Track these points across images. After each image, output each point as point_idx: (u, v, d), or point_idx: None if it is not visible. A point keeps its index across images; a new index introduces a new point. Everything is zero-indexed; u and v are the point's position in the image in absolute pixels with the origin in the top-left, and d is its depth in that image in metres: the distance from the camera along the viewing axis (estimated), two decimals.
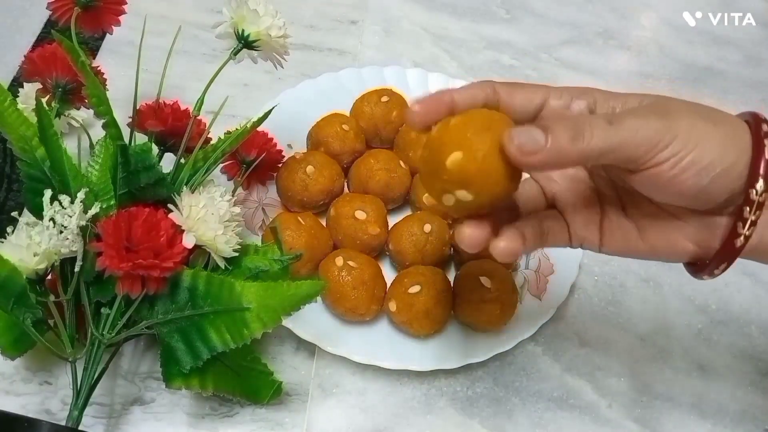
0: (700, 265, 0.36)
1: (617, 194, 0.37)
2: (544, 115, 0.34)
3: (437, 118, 0.32)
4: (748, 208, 0.32)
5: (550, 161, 0.30)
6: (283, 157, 0.59)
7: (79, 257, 0.43)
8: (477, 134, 0.30)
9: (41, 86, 0.54)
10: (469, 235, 0.33)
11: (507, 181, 0.31)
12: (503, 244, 0.33)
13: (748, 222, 0.32)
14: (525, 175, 0.33)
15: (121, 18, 0.53)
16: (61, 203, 0.42)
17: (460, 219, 0.34)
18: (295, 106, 0.64)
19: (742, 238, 0.33)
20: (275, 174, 0.59)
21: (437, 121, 0.32)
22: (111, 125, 0.46)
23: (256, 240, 0.57)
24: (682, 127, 0.31)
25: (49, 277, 0.44)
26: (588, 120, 0.31)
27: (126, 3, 0.53)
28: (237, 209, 0.47)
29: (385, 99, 0.63)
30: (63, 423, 0.43)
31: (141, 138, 0.50)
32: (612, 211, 0.37)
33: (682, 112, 0.32)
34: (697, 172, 0.31)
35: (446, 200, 0.32)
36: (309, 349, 0.53)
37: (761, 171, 0.31)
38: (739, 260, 0.34)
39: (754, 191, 0.31)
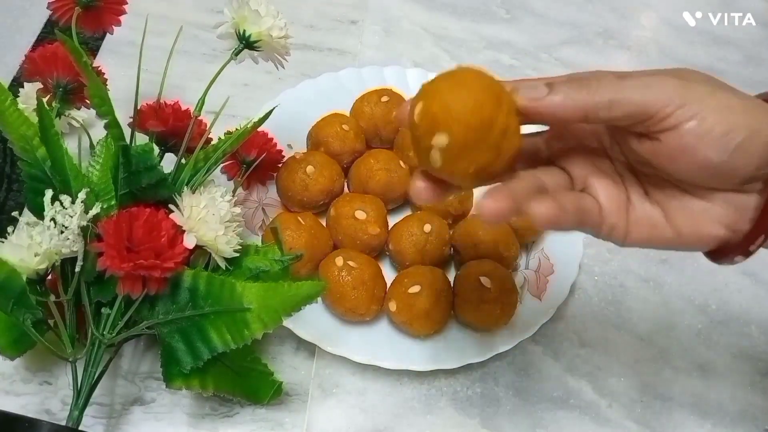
0: (724, 251, 0.33)
1: (638, 179, 0.35)
2: None
3: (511, 214, 0.31)
4: None
5: (553, 110, 0.29)
6: (283, 157, 0.59)
7: (80, 257, 0.43)
8: (444, 80, 0.30)
9: (42, 86, 0.54)
10: (489, 207, 0.30)
11: (483, 117, 0.29)
12: (542, 210, 0.30)
13: None
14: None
15: (122, 18, 0.53)
16: (62, 203, 0.42)
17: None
18: (295, 106, 0.64)
19: None
20: (275, 174, 0.59)
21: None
22: (112, 125, 0.46)
23: (257, 240, 0.57)
24: (700, 89, 0.29)
25: (49, 277, 0.44)
26: (596, 74, 0.30)
27: (126, 3, 0.53)
28: (237, 209, 0.47)
29: (385, 99, 0.63)
30: (63, 423, 0.43)
31: (142, 138, 0.50)
32: (635, 197, 0.34)
33: (700, 80, 0.30)
34: (720, 135, 0.29)
35: (432, 159, 0.30)
36: (309, 349, 0.53)
37: None
38: None
39: None
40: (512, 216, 0.30)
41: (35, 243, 0.41)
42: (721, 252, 0.34)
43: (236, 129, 0.51)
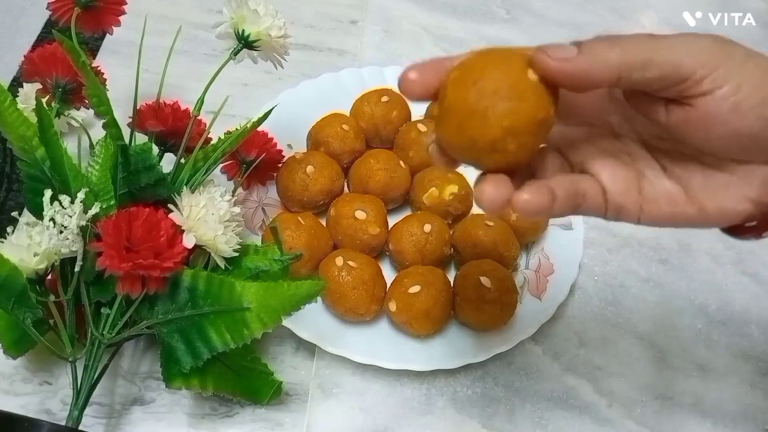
0: (745, 227, 0.32)
1: (653, 155, 0.33)
2: None
3: (436, 85, 0.30)
4: None
5: (586, 69, 0.27)
6: (283, 157, 0.59)
7: (80, 257, 0.43)
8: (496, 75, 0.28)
9: (41, 86, 0.54)
10: (490, 193, 0.29)
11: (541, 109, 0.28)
12: (526, 197, 0.29)
13: None
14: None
15: (121, 18, 0.53)
16: (61, 203, 0.42)
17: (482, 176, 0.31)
18: (295, 106, 0.64)
19: None
20: (275, 174, 0.59)
21: (436, 91, 0.30)
22: (111, 125, 0.46)
23: (256, 240, 0.57)
24: (738, 54, 0.28)
25: (49, 277, 0.44)
26: (628, 35, 0.28)
27: (126, 3, 0.53)
28: (237, 209, 0.47)
29: (385, 99, 0.63)
30: (63, 423, 0.43)
31: (141, 138, 0.50)
32: (651, 173, 0.32)
33: (736, 45, 0.28)
34: (758, 103, 0.27)
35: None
36: (309, 349, 0.53)
37: None
38: (739, 260, 0.34)
39: None
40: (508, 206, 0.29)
41: (35, 243, 0.41)
42: (745, 228, 0.32)
43: (236, 129, 0.51)
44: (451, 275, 0.56)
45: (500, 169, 0.30)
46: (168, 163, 0.50)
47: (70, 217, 0.42)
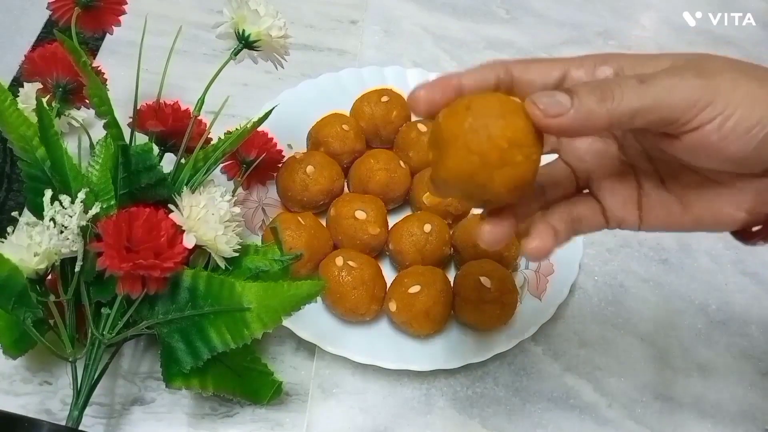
0: (751, 233, 0.33)
1: (653, 167, 0.34)
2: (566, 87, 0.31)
3: (443, 104, 0.30)
4: None
5: (577, 124, 0.28)
6: (283, 157, 0.59)
7: (80, 257, 0.43)
8: (489, 127, 0.28)
9: (41, 86, 0.54)
10: (490, 231, 0.31)
11: (527, 168, 0.29)
12: (536, 244, 0.31)
13: None
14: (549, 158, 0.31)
15: (122, 18, 0.53)
16: (61, 203, 0.42)
17: (482, 216, 0.32)
18: (295, 106, 0.64)
19: None
20: (275, 174, 0.59)
21: (443, 108, 0.30)
22: (112, 125, 0.46)
23: (256, 240, 0.57)
24: (723, 84, 0.28)
25: (49, 277, 0.44)
26: (617, 80, 0.29)
27: (126, 3, 0.53)
28: (237, 209, 0.47)
29: (385, 99, 0.63)
30: (63, 423, 0.43)
31: (141, 138, 0.50)
32: (650, 185, 0.34)
33: (723, 68, 0.29)
34: (744, 132, 0.28)
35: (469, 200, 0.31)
36: (309, 349, 0.53)
37: None
38: (739, 260, 0.34)
39: None
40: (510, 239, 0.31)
41: (35, 243, 0.41)
42: (752, 233, 0.33)
43: (236, 129, 0.51)
44: (451, 275, 0.56)
45: (510, 191, 0.29)
46: (168, 163, 0.50)
47: (71, 217, 0.42)
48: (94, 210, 0.43)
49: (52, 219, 0.42)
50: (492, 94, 0.30)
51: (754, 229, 0.33)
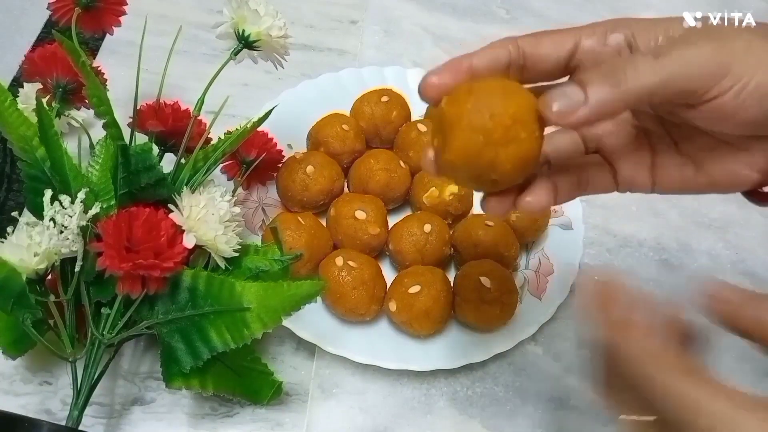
0: (764, 194, 0.33)
1: (666, 130, 0.34)
2: (578, 58, 0.31)
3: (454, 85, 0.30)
4: None
5: (595, 115, 0.27)
6: (283, 157, 0.59)
7: (80, 257, 0.43)
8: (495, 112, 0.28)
9: (41, 86, 0.54)
10: (496, 203, 0.32)
11: (532, 153, 0.29)
12: (529, 198, 0.31)
13: None
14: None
15: (122, 18, 0.53)
16: (61, 203, 0.42)
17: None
18: (295, 106, 0.64)
19: None
20: (275, 174, 0.59)
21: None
22: (111, 125, 0.46)
23: (256, 240, 0.57)
24: (739, 51, 0.28)
25: (49, 277, 0.44)
26: (629, 59, 0.28)
27: (126, 3, 0.53)
28: (237, 209, 0.47)
29: (385, 99, 0.63)
30: (63, 423, 0.43)
31: (141, 138, 0.50)
32: (663, 148, 0.34)
33: (738, 32, 0.29)
34: (762, 97, 0.28)
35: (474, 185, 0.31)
36: (309, 349, 0.53)
37: None
38: (739, 259, 0.34)
39: None
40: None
41: (35, 243, 0.41)
42: (757, 195, 0.34)
43: (236, 129, 0.51)
44: (451, 275, 0.56)
45: (516, 168, 0.29)
46: (168, 163, 0.50)
47: (71, 217, 0.42)
48: (94, 210, 0.43)
49: (52, 219, 0.42)
50: (493, 78, 0.30)
51: (767, 189, 0.33)
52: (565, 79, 0.32)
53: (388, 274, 0.56)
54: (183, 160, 0.50)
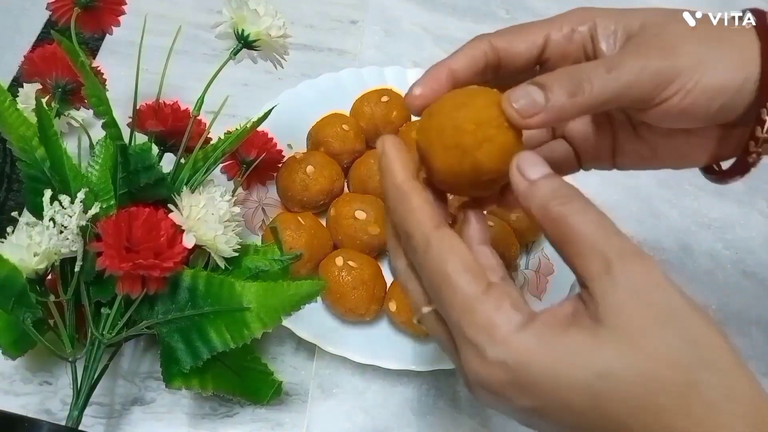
0: (723, 172, 0.36)
1: (627, 117, 0.36)
2: (548, 53, 0.33)
3: (440, 96, 0.32)
4: (759, 128, 0.31)
5: (552, 119, 0.29)
6: (283, 157, 0.59)
7: (79, 257, 0.43)
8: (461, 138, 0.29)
9: (41, 86, 0.54)
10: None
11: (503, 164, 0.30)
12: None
13: (761, 140, 0.32)
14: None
15: (121, 18, 0.53)
16: (61, 203, 0.42)
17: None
18: (295, 106, 0.64)
19: (754, 155, 0.32)
20: (275, 174, 0.59)
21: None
22: (111, 125, 0.46)
23: (256, 240, 0.57)
24: (685, 58, 0.30)
25: (49, 277, 0.44)
26: (587, 71, 0.30)
27: (126, 3, 0.53)
28: (237, 209, 0.47)
29: (385, 99, 0.63)
30: (63, 423, 0.43)
31: (141, 138, 0.50)
32: (623, 134, 0.36)
33: (686, 38, 0.31)
34: (707, 99, 0.30)
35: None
36: (309, 349, 0.53)
37: None
38: (739, 260, 0.34)
39: (765, 110, 0.31)
40: None
41: (34, 243, 0.41)
42: (716, 173, 0.36)
43: (236, 129, 0.51)
44: None
45: (502, 162, 0.30)
46: (168, 163, 0.50)
47: (70, 217, 0.42)
48: (94, 210, 0.43)
49: (52, 219, 0.42)
50: (452, 92, 0.31)
51: (725, 168, 0.36)
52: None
53: (388, 274, 0.56)
54: (183, 160, 0.50)
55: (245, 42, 0.49)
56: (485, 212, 0.35)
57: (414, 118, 0.64)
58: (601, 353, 0.25)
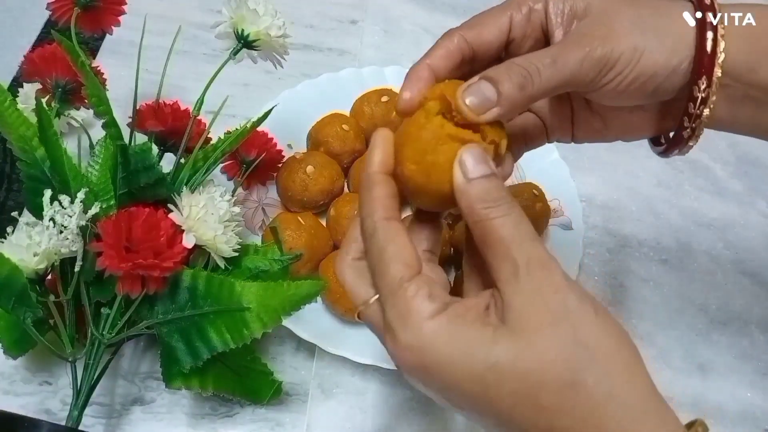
0: (666, 146, 0.39)
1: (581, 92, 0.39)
2: (512, 36, 0.35)
3: (425, 96, 0.33)
4: (692, 104, 0.34)
5: (505, 113, 0.31)
6: (283, 157, 0.59)
7: (79, 257, 0.43)
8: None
9: (41, 86, 0.54)
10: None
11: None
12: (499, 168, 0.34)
13: (693, 116, 0.34)
14: None
15: (121, 18, 0.53)
16: (61, 203, 0.42)
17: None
18: (295, 106, 0.64)
19: (688, 130, 0.35)
20: (275, 174, 0.59)
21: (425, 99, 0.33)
22: (110, 125, 0.46)
23: (256, 240, 0.57)
24: (625, 46, 0.32)
25: (49, 277, 0.44)
26: (534, 62, 0.31)
27: (126, 3, 0.53)
28: (237, 209, 0.47)
29: (385, 99, 0.63)
30: (63, 423, 0.43)
31: (141, 138, 0.50)
32: (579, 106, 0.39)
33: (626, 26, 0.33)
34: (643, 82, 0.33)
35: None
36: (309, 349, 0.53)
37: (704, 68, 0.33)
38: (739, 260, 0.35)
39: (697, 88, 0.33)
40: None
41: (34, 243, 0.41)
42: (658, 142, 0.40)
43: (236, 129, 0.51)
44: (451, 275, 0.56)
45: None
46: (168, 163, 0.50)
47: (70, 217, 0.42)
48: (94, 210, 0.43)
49: (52, 219, 0.42)
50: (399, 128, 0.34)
51: (663, 141, 0.39)
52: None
53: None
54: (182, 160, 0.50)
55: (245, 42, 0.49)
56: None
57: None
58: (496, 348, 0.27)
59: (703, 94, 0.33)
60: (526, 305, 0.28)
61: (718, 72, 0.33)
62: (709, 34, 0.34)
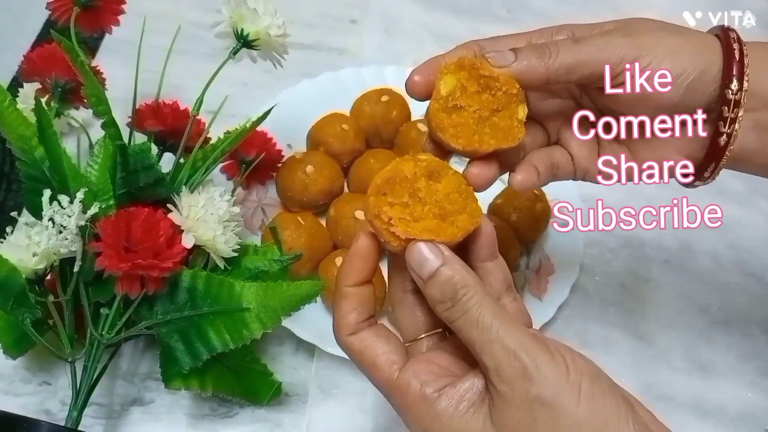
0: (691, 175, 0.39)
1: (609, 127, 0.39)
2: None
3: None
4: (726, 108, 0.34)
5: (519, 74, 0.32)
6: (283, 156, 0.59)
7: (79, 257, 0.43)
8: None
9: (40, 86, 0.54)
10: (476, 174, 0.34)
11: None
12: (521, 177, 0.36)
13: (728, 120, 0.34)
14: None
15: (121, 17, 0.53)
16: (60, 203, 0.42)
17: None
18: (295, 105, 0.64)
19: (725, 136, 0.35)
20: (275, 174, 0.59)
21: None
22: (110, 125, 0.46)
23: (256, 240, 0.56)
24: (648, 41, 0.33)
25: (48, 277, 0.44)
26: (555, 41, 0.34)
27: (125, 2, 0.53)
28: (236, 209, 0.47)
29: (385, 98, 0.63)
30: (62, 423, 0.43)
31: (140, 138, 0.50)
32: (605, 140, 0.39)
33: (650, 29, 0.34)
34: (673, 78, 0.33)
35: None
36: (309, 349, 0.53)
37: (734, 72, 0.34)
38: (740, 260, 0.35)
39: (730, 91, 0.34)
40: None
41: (34, 243, 0.41)
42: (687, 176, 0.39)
43: (235, 129, 0.51)
44: None
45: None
46: (167, 162, 0.50)
47: (69, 217, 0.42)
48: (93, 210, 0.43)
49: (51, 219, 0.42)
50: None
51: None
52: None
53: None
54: (182, 160, 0.50)
55: (245, 41, 0.49)
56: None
57: (414, 118, 0.64)
58: None
59: (736, 97, 0.34)
60: (508, 420, 0.29)
61: (746, 82, 0.34)
62: (736, 46, 0.34)
